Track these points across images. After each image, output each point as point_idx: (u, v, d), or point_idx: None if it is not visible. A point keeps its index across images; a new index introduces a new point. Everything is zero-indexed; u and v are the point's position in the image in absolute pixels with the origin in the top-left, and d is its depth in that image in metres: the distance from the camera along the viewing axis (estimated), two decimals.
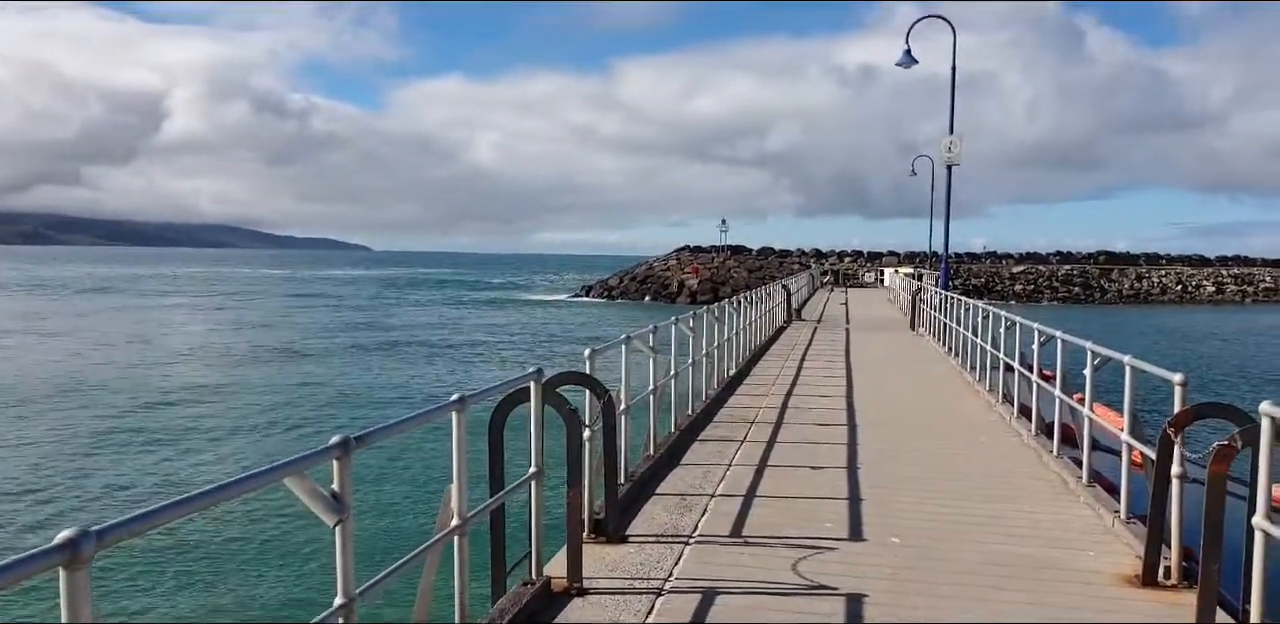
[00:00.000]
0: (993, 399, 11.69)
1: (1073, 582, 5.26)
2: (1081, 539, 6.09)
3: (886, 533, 6.07)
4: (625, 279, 74.07)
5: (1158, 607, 4.89)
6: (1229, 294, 75.56)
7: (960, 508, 6.81)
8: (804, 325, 24.46)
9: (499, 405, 4.97)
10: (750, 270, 69.29)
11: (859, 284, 60.03)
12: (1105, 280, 75.38)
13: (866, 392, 12.51)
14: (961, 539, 6.01)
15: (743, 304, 15.65)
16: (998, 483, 7.62)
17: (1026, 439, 9.33)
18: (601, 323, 49.66)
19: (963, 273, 68.85)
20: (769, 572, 5.26)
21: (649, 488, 7.10)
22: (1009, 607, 4.84)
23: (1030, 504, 6.97)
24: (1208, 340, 42.08)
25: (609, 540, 5.72)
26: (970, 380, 13.55)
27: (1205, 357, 34.25)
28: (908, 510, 6.66)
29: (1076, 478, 7.46)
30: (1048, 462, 8.30)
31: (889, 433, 9.66)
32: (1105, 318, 53.22)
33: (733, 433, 9.43)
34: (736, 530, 6.08)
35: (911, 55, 24.71)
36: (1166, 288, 75.62)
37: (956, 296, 17.04)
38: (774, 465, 7.99)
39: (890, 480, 7.56)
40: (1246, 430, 4.44)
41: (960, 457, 8.65)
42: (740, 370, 14.13)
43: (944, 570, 5.38)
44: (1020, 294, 70.81)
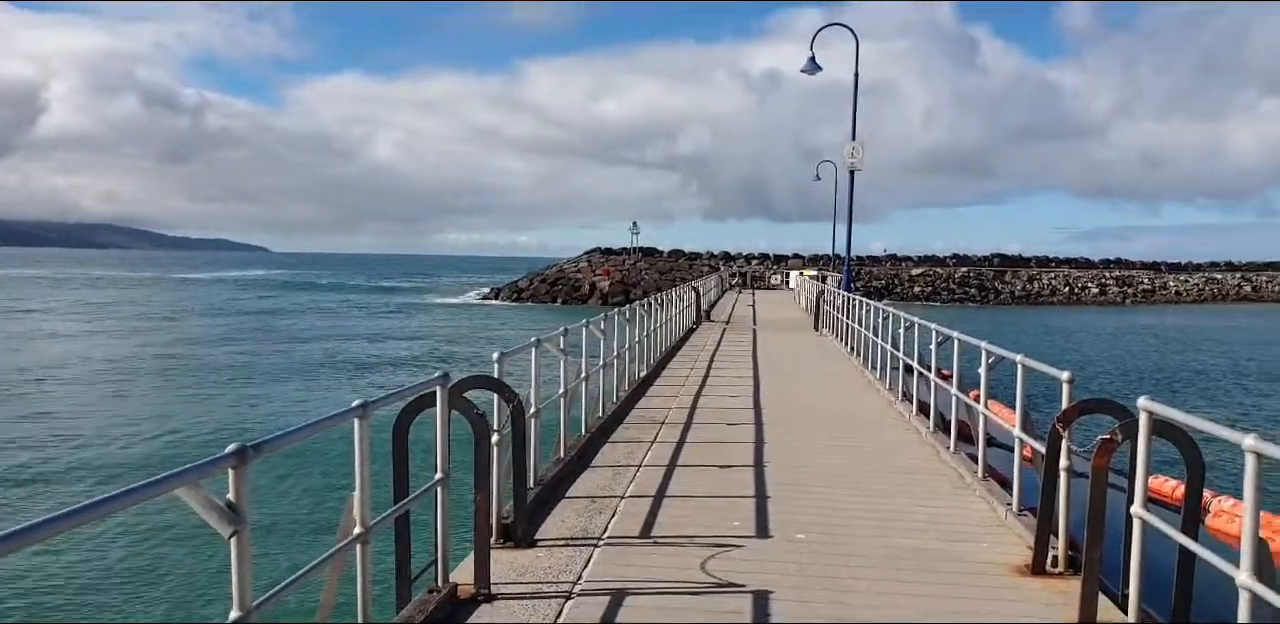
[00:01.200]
0: (893, 397, 12.03)
1: (968, 573, 5.46)
2: (977, 531, 6.32)
3: (793, 530, 6.19)
4: (535, 281, 73.51)
5: (1045, 594, 5.11)
6: (1111, 295, 79.52)
7: (863, 503, 6.99)
8: (713, 327, 24.75)
9: (403, 411, 4.88)
10: (661, 272, 69.72)
11: (766, 286, 61.07)
12: (999, 282, 78.43)
13: (773, 391, 12.72)
14: (864, 534, 6.17)
15: (653, 306, 15.75)
16: (898, 478, 7.85)
17: (925, 436, 9.63)
18: (510, 326, 48.96)
19: (864, 275, 70.70)
20: (678, 571, 5.30)
21: (559, 491, 7.07)
22: (909, 598, 4.99)
23: (929, 498, 7.20)
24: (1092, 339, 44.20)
25: (517, 545, 5.68)
26: (872, 379, 13.92)
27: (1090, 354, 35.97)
28: (813, 507, 6.80)
29: (972, 473, 7.74)
30: (945, 457, 8.58)
31: (795, 431, 9.84)
32: (999, 318, 55.38)
33: (643, 434, 9.48)
34: (646, 531, 6.10)
35: (816, 62, 25.26)
36: (1055, 289, 79.12)
37: (858, 298, 17.48)
38: (684, 465, 8.06)
39: (796, 478, 7.70)
40: (1126, 424, 4.68)
41: (863, 453, 8.88)
42: (651, 372, 14.21)
43: (848, 565, 5.52)
44: (919, 295, 73.08)
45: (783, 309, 33.85)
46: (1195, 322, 57.23)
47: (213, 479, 2.68)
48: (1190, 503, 4.62)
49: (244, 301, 74.22)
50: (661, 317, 16.81)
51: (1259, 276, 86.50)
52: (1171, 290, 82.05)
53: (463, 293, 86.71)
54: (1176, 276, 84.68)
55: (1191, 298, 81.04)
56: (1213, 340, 44.08)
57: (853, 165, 25.22)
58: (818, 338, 22.05)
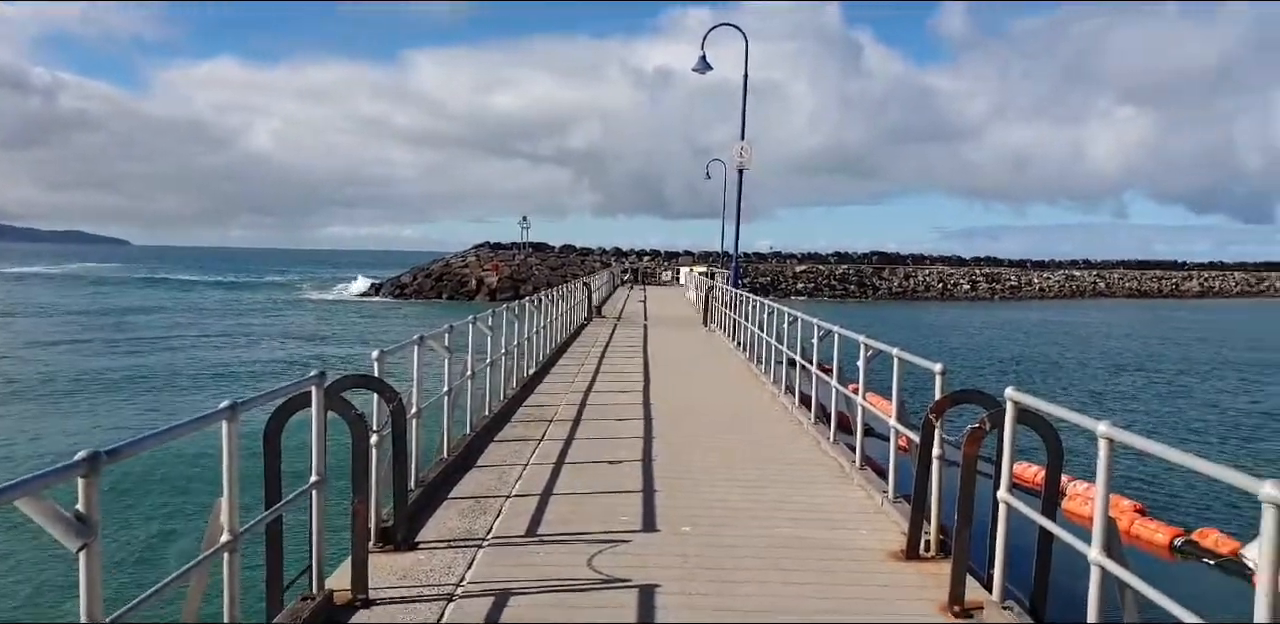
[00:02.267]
0: (777, 390, 12.28)
1: (847, 559, 5.62)
2: (856, 519, 6.52)
3: (679, 523, 6.24)
4: (420, 276, 71.57)
5: (918, 577, 5.31)
6: (981, 291, 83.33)
7: (747, 494, 7.11)
8: (604, 323, 24.78)
9: (275, 412, 4.68)
10: (552, 268, 69.32)
11: (657, 282, 61.55)
12: (878, 279, 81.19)
13: (662, 387, 12.82)
14: (749, 524, 6.28)
15: (544, 302, 15.64)
16: (782, 469, 8.01)
17: (807, 427, 9.87)
18: (393, 323, 47.47)
19: (752, 272, 72.09)
20: (564, 569, 5.27)
21: (442, 492, 6.93)
22: (791, 586, 5.10)
23: (810, 488, 7.38)
24: (964, 333, 46.23)
25: (398, 548, 5.54)
26: (757, 373, 14.18)
27: (962, 348, 37.61)
28: (700, 500, 6.88)
29: (851, 462, 7.97)
30: (826, 448, 8.82)
31: (683, 426, 9.93)
32: (877, 313, 57.30)
33: (531, 432, 9.40)
34: (532, 530, 6.05)
35: (706, 61, 25.56)
36: (930, 286, 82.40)
37: (746, 294, 17.79)
38: (572, 462, 8.03)
39: (683, 472, 7.77)
40: (994, 414, 4.90)
41: (748, 446, 9.03)
42: (540, 369, 14.11)
43: (732, 555, 5.60)
44: (803, 291, 74.98)
45: (673, 305, 34.17)
46: (1056, 316, 60.56)
47: (61, 489, 2.51)
48: (1050, 487, 4.87)
49: (89, 298, 67.55)
50: (552, 313, 16.72)
51: (1111, 274, 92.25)
52: (1036, 287, 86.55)
53: (342, 289, 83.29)
54: (1040, 274, 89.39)
55: (1053, 294, 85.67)
56: (1071, 334, 46.74)
57: (741, 164, 25.65)
58: (707, 333, 22.34)
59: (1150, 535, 10.01)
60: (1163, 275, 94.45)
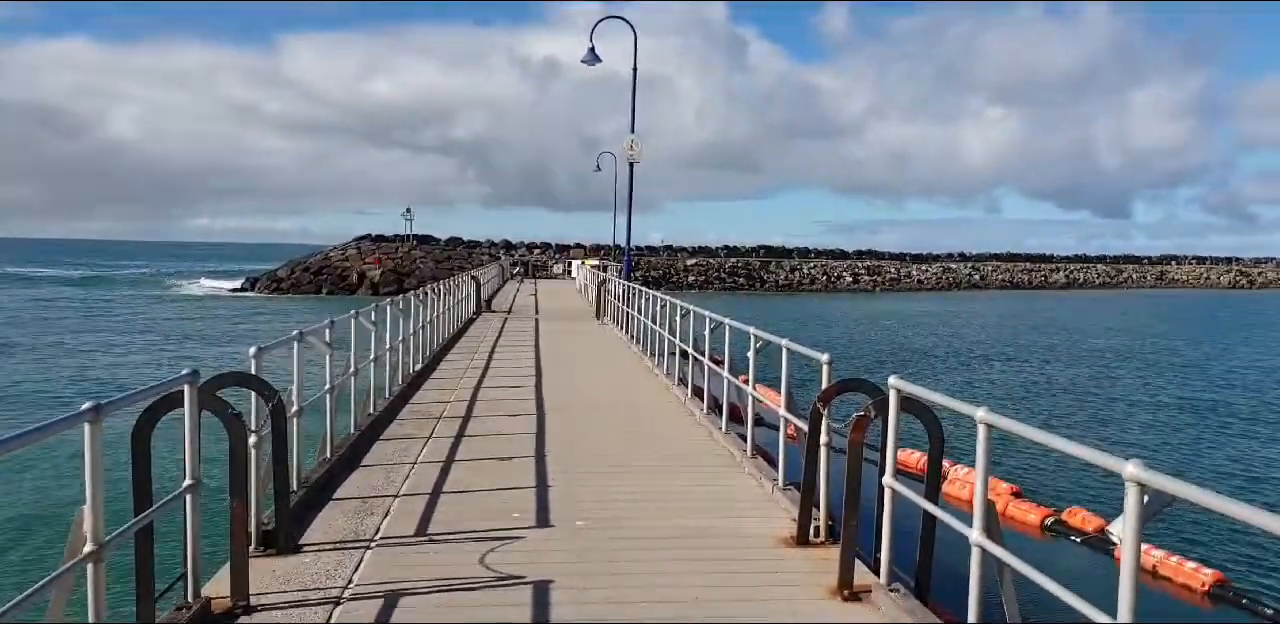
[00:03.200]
0: (670, 382, 12.37)
1: (739, 547, 5.69)
2: (747, 507, 6.61)
3: (573, 517, 6.20)
4: (297, 270, 68.83)
5: (808, 562, 5.42)
6: (863, 284, 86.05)
7: (642, 486, 7.13)
8: (494, 316, 24.47)
9: (144, 414, 4.41)
10: (438, 261, 68.02)
11: (548, 275, 61.24)
12: (765, 272, 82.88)
13: (554, 381, 12.74)
14: (642, 516, 6.29)
15: (430, 296, 15.32)
16: (674, 460, 8.07)
17: (700, 418, 9.97)
18: (270, 319, 45.48)
19: (644, 265, 72.52)
20: (456, 568, 5.17)
21: (326, 493, 6.70)
22: (685, 576, 5.13)
23: (703, 478, 7.45)
24: (848, 324, 47.67)
25: (280, 552, 5.33)
26: (650, 365, 14.26)
27: (847, 338, 38.75)
28: (593, 493, 6.86)
29: (742, 451, 8.09)
30: (718, 438, 8.92)
31: (576, 420, 9.89)
32: (765, 306, 58.53)
33: (418, 430, 9.19)
34: (422, 529, 5.91)
35: (595, 53, 25.49)
36: (814, 278, 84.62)
37: (638, 287, 17.86)
38: (462, 460, 7.88)
39: (577, 466, 7.74)
40: (878, 402, 5.03)
41: (642, 438, 9.06)
42: (427, 365, 13.82)
43: (626, 548, 5.60)
44: (694, 285, 75.91)
45: (565, 298, 34.05)
46: (934, 307, 63.08)
47: None
48: (932, 472, 5.04)
49: None
50: (439, 307, 16.40)
51: (985, 266, 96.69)
52: (915, 279, 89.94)
53: (214, 283, 79.26)
54: (919, 266, 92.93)
55: (931, 286, 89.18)
56: (948, 324, 48.78)
57: (632, 157, 25.72)
58: (600, 326, 22.34)
59: (1024, 516, 10.52)
60: (1032, 268, 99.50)
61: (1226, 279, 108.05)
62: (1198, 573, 8.64)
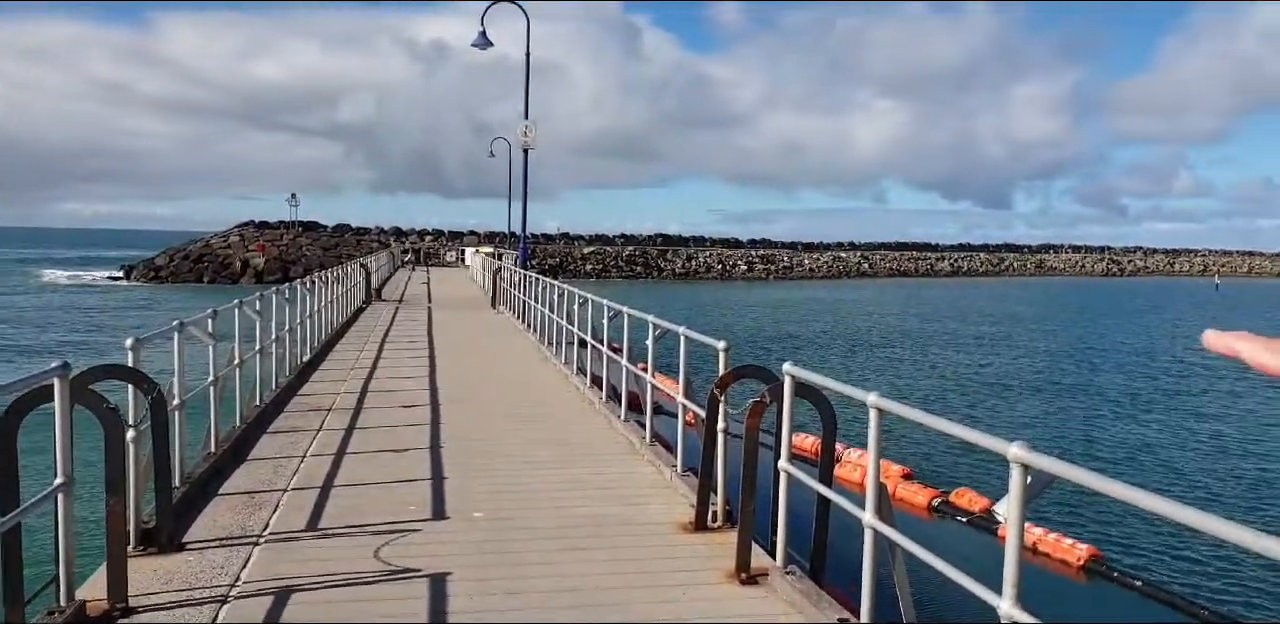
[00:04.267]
0: (568, 371, 12.34)
1: (638, 534, 5.72)
2: (646, 494, 6.65)
3: (470, 509, 6.12)
4: (176, 258, 65.69)
5: (706, 547, 5.49)
6: (757, 272, 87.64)
7: (540, 476, 7.08)
8: (385, 306, 23.91)
9: (9, 409, 4.13)
10: (325, 248, 66.02)
11: (441, 263, 60.20)
12: (662, 260, 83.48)
13: (449, 371, 12.54)
14: (541, 506, 6.26)
15: (317, 284, 14.85)
16: (574, 449, 8.05)
17: (598, 406, 9.97)
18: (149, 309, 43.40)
19: (540, 253, 72.05)
20: (350, 562, 5.03)
21: (211, 489, 6.43)
22: (583, 564, 5.13)
23: (602, 466, 7.46)
24: (744, 311, 48.49)
25: (162, 551, 5.08)
26: (548, 355, 14.18)
27: (743, 325, 39.42)
28: (491, 484, 6.78)
29: (641, 439, 8.13)
30: (617, 426, 8.94)
31: (472, 410, 9.76)
32: (663, 294, 58.99)
33: (307, 422, 8.90)
34: (313, 524, 5.73)
35: (487, 37, 25.06)
36: (710, 267, 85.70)
37: (534, 275, 17.72)
38: (354, 452, 7.68)
39: (474, 456, 7.64)
40: (773, 388, 5.11)
41: (539, 427, 9.00)
42: (315, 356, 13.41)
43: (525, 538, 5.56)
44: (591, 273, 75.90)
45: (459, 287, 33.54)
46: (826, 295, 64.76)
47: None
48: (825, 455, 5.16)
49: None
50: (327, 295, 15.92)
51: (874, 255, 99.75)
52: (807, 268, 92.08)
53: (86, 271, 75.10)
54: (811, 255, 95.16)
55: (822, 274, 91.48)
56: (840, 311, 50.17)
57: (526, 144, 25.43)
58: (495, 315, 22.10)
59: (914, 497, 10.89)
60: (919, 256, 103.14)
61: (1100, 267, 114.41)
62: (1074, 549, 9.12)
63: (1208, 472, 14.67)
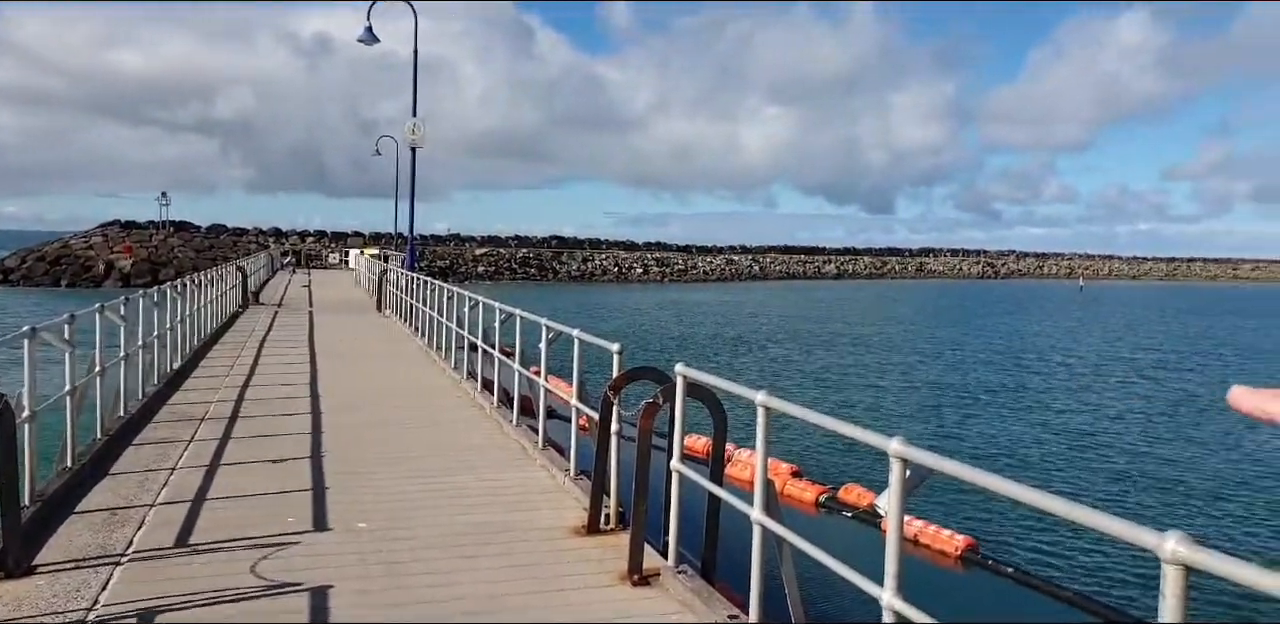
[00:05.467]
0: (458, 376, 12.09)
1: (529, 539, 5.62)
2: (538, 499, 6.55)
3: (354, 519, 5.90)
4: (30, 259, 61.02)
5: (598, 550, 5.43)
6: (653, 274, 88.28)
7: (428, 484, 6.89)
8: (263, 310, 23.00)
9: None
10: (198, 250, 63.11)
11: (324, 266, 58.46)
12: (557, 262, 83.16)
13: (332, 377, 12.12)
14: (430, 514, 6.08)
15: (189, 288, 14.16)
16: (464, 455, 7.87)
17: (490, 412, 9.80)
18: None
19: (429, 255, 70.78)
20: (224, 579, 4.77)
21: (66, 506, 6.00)
22: (473, 572, 5.00)
23: (494, 472, 7.31)
24: (639, 313, 48.72)
25: (10, 575, 4.71)
26: (437, 359, 13.88)
27: (637, 327, 39.59)
28: (377, 493, 6.56)
29: (534, 443, 8.01)
30: (508, 431, 8.80)
31: (357, 417, 9.45)
32: (557, 296, 58.74)
33: (178, 433, 8.44)
34: (183, 540, 5.42)
35: (373, 33, 24.44)
36: (606, 269, 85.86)
37: (423, 278, 17.34)
38: (229, 463, 7.31)
39: (358, 465, 7.38)
40: (666, 389, 5.10)
41: (428, 434, 8.78)
42: (187, 363, 12.77)
43: (414, 547, 5.40)
44: (483, 275, 74.97)
45: (343, 290, 32.57)
46: (719, 297, 65.70)
47: None
48: (717, 455, 5.17)
49: None
50: (200, 299, 15.19)
51: (765, 258, 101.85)
52: (701, 270, 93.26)
53: None
54: (704, 258, 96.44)
55: (716, 277, 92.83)
56: (733, 313, 50.94)
57: (414, 142, 24.91)
58: (381, 319, 21.53)
59: (802, 494, 11.10)
60: (807, 259, 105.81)
61: (976, 270, 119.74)
62: (952, 539, 9.45)
63: (1071, 463, 15.46)
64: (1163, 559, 1.99)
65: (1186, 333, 44.79)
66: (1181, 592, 1.99)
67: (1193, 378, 27.30)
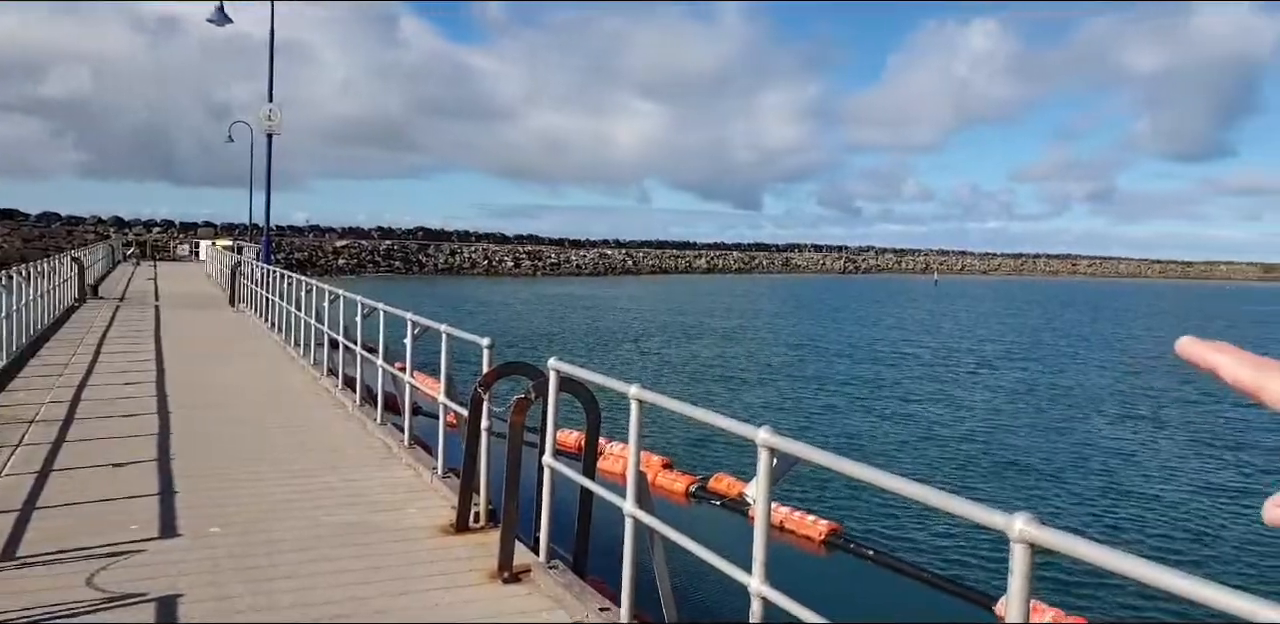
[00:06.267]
0: (318, 373, 11.65)
1: (396, 540, 5.46)
2: (404, 498, 6.37)
3: (206, 524, 5.59)
4: None
5: (467, 548, 5.33)
6: (525, 268, 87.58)
7: (287, 486, 6.60)
8: (103, 304, 21.56)
9: None
10: (27, 240, 58.64)
11: (172, 258, 55.32)
12: (423, 255, 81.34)
13: (182, 376, 11.46)
14: (289, 517, 5.83)
15: (15, 280, 13.12)
16: (325, 456, 7.58)
17: (352, 410, 9.47)
18: None
19: (286, 246, 68.01)
20: (58, 592, 4.43)
21: None
22: (336, 575, 4.82)
23: (357, 472, 7.07)
24: (510, 308, 48.23)
25: None
26: (296, 356, 13.34)
27: (509, 322, 39.18)
28: (232, 497, 6.24)
29: (400, 442, 7.79)
30: (372, 429, 8.53)
31: (209, 418, 8.96)
32: (424, 290, 57.47)
33: (4, 437, 7.79)
34: (10, 553, 5.00)
35: (225, 13, 23.26)
36: (476, 262, 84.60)
37: (280, 271, 16.62)
38: (62, 469, 6.79)
39: (211, 468, 7.00)
40: (538, 384, 5.04)
41: (287, 434, 8.42)
42: (13, 361, 11.82)
43: (273, 551, 5.16)
44: (345, 268, 72.59)
45: (192, 283, 30.90)
46: (592, 291, 65.78)
47: None
48: (589, 449, 5.15)
49: None
50: (28, 293, 14.09)
51: (637, 252, 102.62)
52: (574, 264, 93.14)
53: None
54: (577, 252, 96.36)
55: (589, 271, 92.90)
56: (605, 307, 51.10)
57: (270, 129, 23.85)
58: (235, 315, 20.54)
59: (672, 485, 11.22)
60: (678, 254, 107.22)
61: (838, 265, 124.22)
62: (816, 525, 9.75)
63: (928, 449, 16.23)
64: (1010, 538, 2.08)
65: (1029, 325, 47.77)
66: (1027, 569, 2.09)
67: (1035, 367, 29.12)
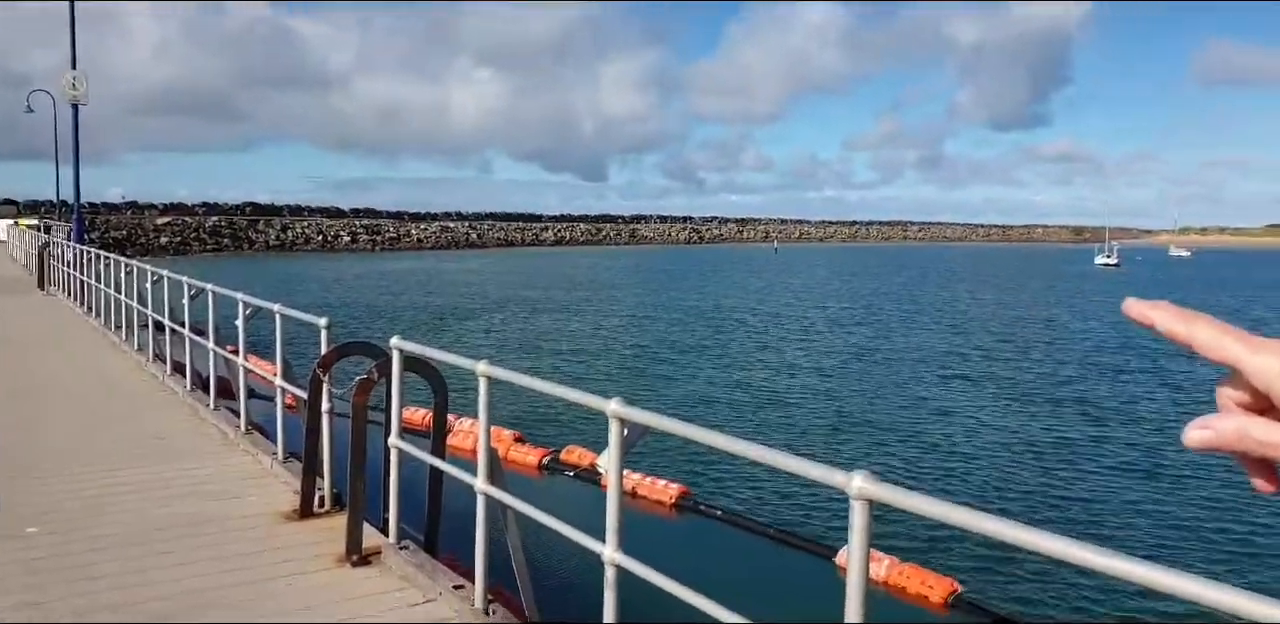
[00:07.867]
0: (143, 359, 10.98)
1: (235, 529, 5.27)
2: (243, 486, 6.14)
3: (21, 524, 5.22)
4: None
5: (313, 534, 5.20)
6: (362, 243, 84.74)
7: (115, 479, 6.23)
8: None
9: None
10: None
11: None
12: (253, 231, 77.39)
13: None
14: (117, 512, 5.52)
15: None
16: (154, 445, 7.19)
17: (183, 396, 8.99)
18: None
19: (101, 225, 63.20)
20: None
21: None
22: (174, 569, 4.61)
23: (191, 461, 6.75)
24: (349, 285, 46.59)
25: None
26: (116, 341, 12.50)
27: (349, 300, 37.86)
28: (50, 494, 5.84)
29: (235, 428, 7.47)
30: (205, 416, 8.14)
31: (21, 411, 8.32)
32: (256, 268, 54.71)
33: None
34: None
35: None
36: (310, 238, 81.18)
37: (94, 251, 15.47)
38: None
39: (25, 465, 6.51)
40: (381, 363, 4.94)
41: (110, 424, 7.92)
42: None
43: (99, 548, 4.88)
44: (168, 247, 68.18)
45: None
46: (436, 265, 64.37)
47: None
48: (438, 427, 5.10)
49: None
50: None
51: (482, 225, 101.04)
52: (414, 238, 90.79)
53: None
54: (418, 225, 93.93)
55: (431, 245, 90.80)
56: (450, 281, 50.15)
57: (75, 98, 22.02)
58: (45, 298, 19.00)
59: (524, 459, 11.25)
60: (525, 226, 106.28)
61: (684, 235, 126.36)
62: (666, 489, 10.03)
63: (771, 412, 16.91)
64: (850, 495, 2.23)
65: (862, 291, 50.21)
66: (866, 524, 2.24)
67: (867, 331, 30.68)
